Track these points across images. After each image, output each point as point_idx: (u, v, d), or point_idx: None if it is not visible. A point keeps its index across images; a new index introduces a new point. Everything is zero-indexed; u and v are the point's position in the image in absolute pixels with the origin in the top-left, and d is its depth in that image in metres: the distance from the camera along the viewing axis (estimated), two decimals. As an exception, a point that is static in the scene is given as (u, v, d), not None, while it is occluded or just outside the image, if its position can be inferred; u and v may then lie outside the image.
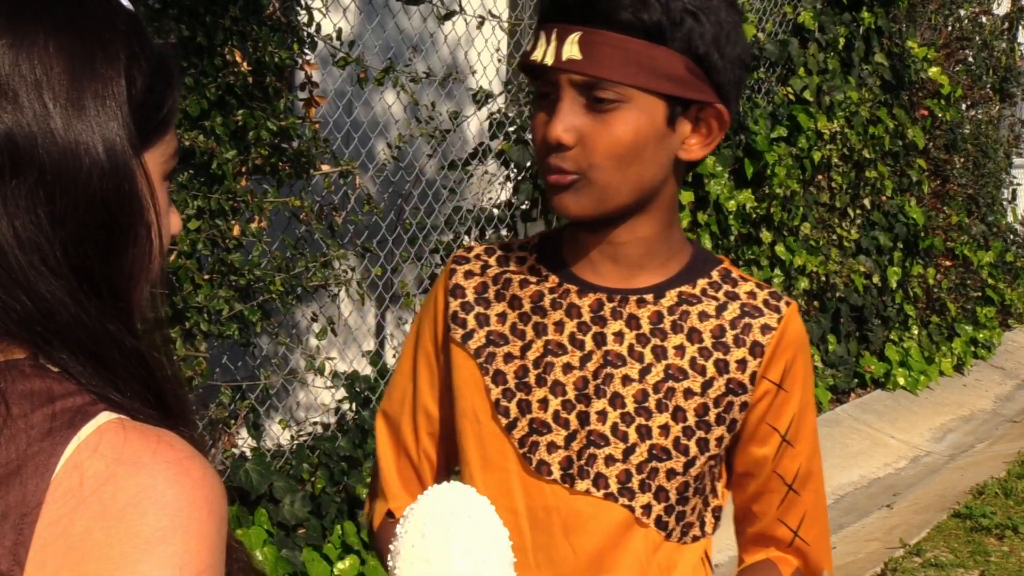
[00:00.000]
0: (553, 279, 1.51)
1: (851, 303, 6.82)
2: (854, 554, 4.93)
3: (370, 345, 4.97)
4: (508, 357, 1.50)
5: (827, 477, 6.44)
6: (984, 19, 8.20)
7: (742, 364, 1.48)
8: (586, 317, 1.48)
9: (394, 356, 4.90)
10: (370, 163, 4.50)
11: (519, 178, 4.68)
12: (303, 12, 3.83)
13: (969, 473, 5.95)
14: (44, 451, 0.89)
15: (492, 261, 1.56)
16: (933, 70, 7.23)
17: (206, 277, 3.55)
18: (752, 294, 1.51)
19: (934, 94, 7.35)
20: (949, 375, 7.49)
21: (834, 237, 6.67)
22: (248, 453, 3.86)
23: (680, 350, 1.47)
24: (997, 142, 8.51)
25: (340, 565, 3.85)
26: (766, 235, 6.03)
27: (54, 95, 0.93)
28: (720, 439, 1.48)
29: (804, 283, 6.31)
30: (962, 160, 7.99)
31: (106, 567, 0.86)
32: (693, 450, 1.47)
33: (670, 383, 1.46)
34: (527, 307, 1.51)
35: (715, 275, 1.52)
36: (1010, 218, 9.04)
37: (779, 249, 6.13)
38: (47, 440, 0.90)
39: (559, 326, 1.49)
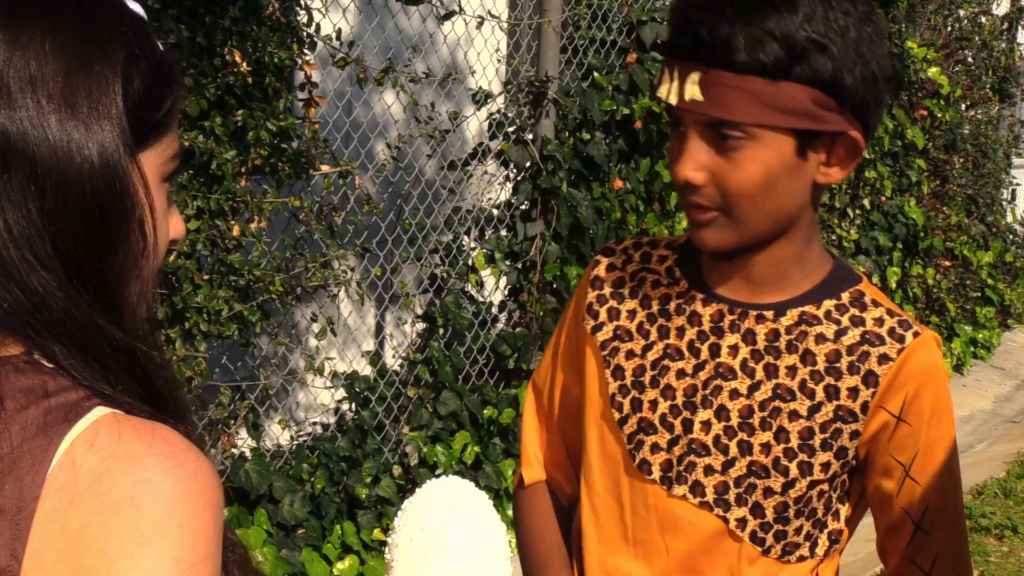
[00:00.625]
0: (683, 284, 1.53)
1: (851, 303, 6.81)
2: (854, 554, 4.93)
3: (369, 345, 4.97)
4: (630, 354, 1.53)
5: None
6: (983, 19, 8.20)
7: (853, 392, 1.45)
8: (706, 326, 1.50)
9: (393, 356, 4.91)
10: (369, 163, 4.50)
11: (518, 178, 4.68)
12: (302, 12, 3.84)
13: (968, 473, 5.95)
14: (39, 447, 0.90)
15: (636, 256, 1.59)
16: (932, 70, 7.23)
17: (206, 277, 3.55)
18: (879, 321, 1.47)
19: (933, 94, 7.35)
20: (948, 375, 7.49)
21: (833, 237, 6.67)
22: (248, 453, 3.86)
23: (792, 371, 1.46)
24: (996, 142, 8.51)
25: (339, 565, 3.85)
26: (766, 235, 6.03)
27: (48, 92, 0.94)
28: (826, 465, 1.46)
29: (804, 283, 6.30)
30: (961, 160, 7.99)
31: (103, 561, 0.87)
32: (793, 472, 1.46)
33: (776, 403, 1.46)
34: (655, 308, 1.54)
35: (845, 297, 1.49)
36: (1009, 218, 9.04)
37: (779, 249, 6.12)
38: (42, 436, 0.91)
39: (680, 331, 1.51)
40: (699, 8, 1.34)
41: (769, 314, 1.48)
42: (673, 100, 1.37)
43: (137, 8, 1.02)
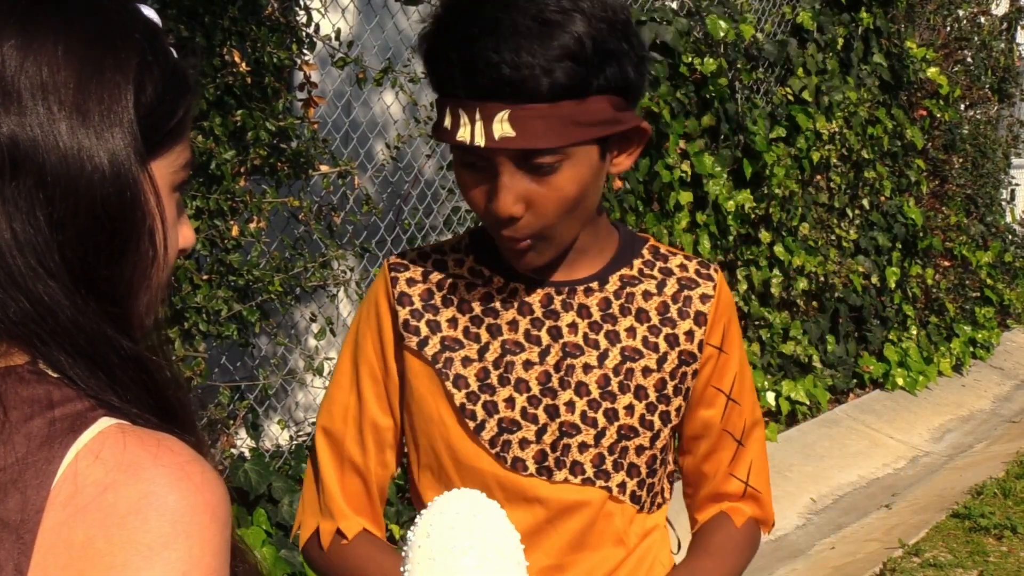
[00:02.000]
0: (498, 279, 1.53)
1: (850, 303, 6.82)
2: (853, 554, 4.93)
3: (369, 345, 4.96)
4: (466, 361, 1.51)
5: (826, 477, 6.31)
6: (983, 19, 8.20)
7: (690, 335, 1.54)
8: (538, 313, 1.52)
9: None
10: (369, 163, 4.49)
11: (518, 178, 4.67)
12: (302, 12, 3.83)
13: (968, 473, 5.95)
14: (44, 458, 0.89)
15: (430, 266, 1.56)
16: (932, 70, 7.23)
17: (205, 277, 3.54)
18: (684, 267, 1.58)
19: (933, 94, 7.35)
20: (948, 375, 7.49)
21: (833, 237, 6.67)
22: (247, 453, 3.86)
23: (631, 332, 1.53)
24: (996, 142, 8.51)
25: (339, 566, 3.85)
26: (765, 235, 6.03)
27: (59, 99, 0.92)
28: (679, 409, 1.56)
29: (803, 283, 6.31)
30: (961, 160, 7.99)
31: (108, 575, 0.86)
32: (657, 424, 1.53)
33: (628, 364, 1.52)
34: (477, 310, 1.53)
35: (646, 253, 1.58)
36: (1008, 218, 9.05)
37: (778, 249, 6.13)
38: (47, 447, 0.89)
39: (513, 325, 1.51)
40: (495, 48, 1.32)
41: (595, 285, 1.53)
42: (481, 142, 1.34)
43: (151, 15, 1.01)
